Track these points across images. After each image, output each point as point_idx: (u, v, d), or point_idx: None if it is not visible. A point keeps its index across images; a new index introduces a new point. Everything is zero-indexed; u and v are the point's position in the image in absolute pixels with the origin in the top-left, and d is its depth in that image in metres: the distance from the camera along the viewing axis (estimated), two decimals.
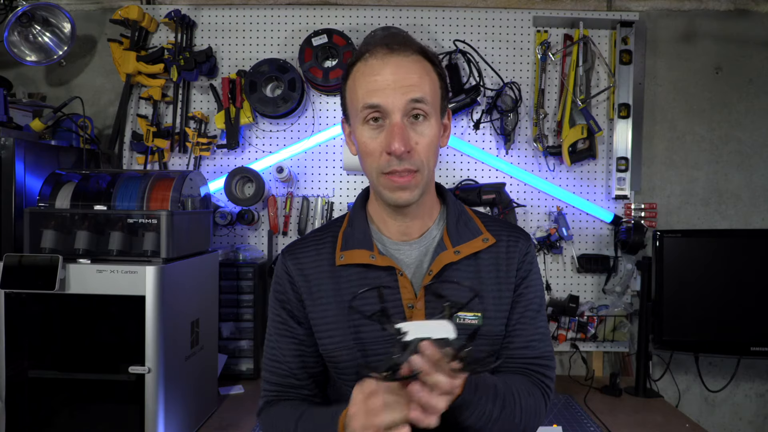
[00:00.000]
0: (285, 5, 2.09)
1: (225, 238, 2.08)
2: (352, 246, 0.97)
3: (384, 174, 0.90)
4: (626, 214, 2.06)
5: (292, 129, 2.08)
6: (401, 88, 0.87)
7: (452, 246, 0.96)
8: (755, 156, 2.13)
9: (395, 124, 0.87)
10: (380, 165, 0.90)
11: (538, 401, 0.94)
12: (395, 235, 0.99)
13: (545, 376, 0.98)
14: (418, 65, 0.90)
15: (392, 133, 0.87)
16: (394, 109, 0.87)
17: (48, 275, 1.35)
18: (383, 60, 0.89)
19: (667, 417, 1.74)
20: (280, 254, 1.05)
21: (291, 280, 1.00)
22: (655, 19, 2.12)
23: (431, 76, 0.92)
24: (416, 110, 0.88)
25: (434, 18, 2.07)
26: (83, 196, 1.52)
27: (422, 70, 0.90)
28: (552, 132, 2.06)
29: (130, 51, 1.99)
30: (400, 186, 0.90)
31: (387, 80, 0.88)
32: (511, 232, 1.02)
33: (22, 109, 1.87)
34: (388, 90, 0.87)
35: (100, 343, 1.41)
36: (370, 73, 0.89)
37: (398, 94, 0.87)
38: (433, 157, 0.92)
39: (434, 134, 0.91)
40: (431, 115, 0.90)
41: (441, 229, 1.00)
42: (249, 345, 1.94)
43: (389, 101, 0.87)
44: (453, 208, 1.01)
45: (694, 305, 1.88)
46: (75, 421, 1.41)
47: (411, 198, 0.91)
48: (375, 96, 0.88)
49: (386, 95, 0.87)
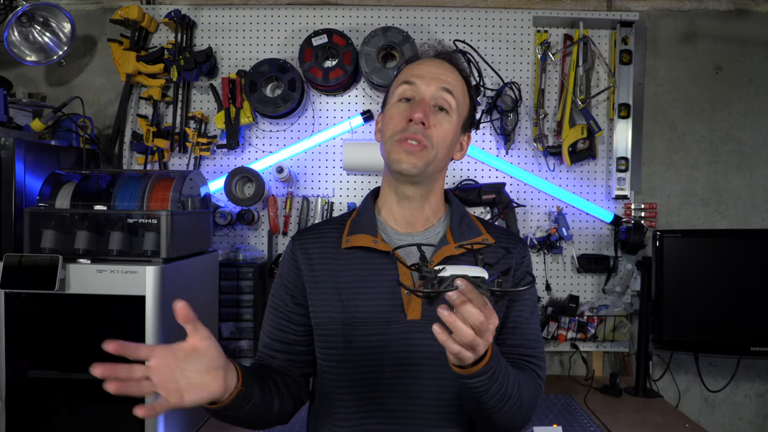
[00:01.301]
0: (285, 5, 2.09)
1: (225, 238, 2.08)
2: (357, 231, 1.04)
3: (397, 140, 0.98)
4: (626, 214, 2.06)
5: (292, 129, 2.08)
6: (436, 79, 1.00)
7: (454, 242, 1.03)
8: (755, 156, 2.13)
9: (422, 99, 0.99)
10: (396, 129, 0.99)
11: (535, 392, 0.98)
12: (400, 226, 1.05)
13: (538, 376, 1.01)
14: (455, 74, 1.04)
15: (417, 104, 0.99)
16: (426, 91, 1.00)
17: (48, 275, 1.35)
18: (428, 62, 1.05)
19: (667, 417, 1.74)
20: (290, 240, 1.12)
21: (295, 262, 1.06)
22: (655, 19, 2.12)
23: (464, 90, 1.05)
24: (443, 101, 0.99)
25: (434, 18, 2.07)
26: (83, 196, 1.52)
27: (459, 79, 1.04)
28: (552, 132, 2.06)
29: (130, 51, 1.99)
30: (408, 150, 0.97)
31: (427, 70, 1.02)
32: (509, 237, 1.10)
33: (22, 109, 1.87)
34: (426, 77, 1.01)
35: (100, 343, 1.41)
36: (415, 66, 1.04)
37: (433, 81, 1.00)
38: (444, 149, 1.00)
39: (451, 131, 1.00)
40: (453, 113, 1.01)
41: (445, 227, 1.07)
42: (249, 345, 1.94)
43: (423, 83, 1.00)
44: (457, 211, 1.09)
45: (694, 305, 1.88)
46: (75, 421, 1.41)
47: (412, 167, 0.97)
48: (413, 77, 1.01)
49: (422, 79, 1.01)
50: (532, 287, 1.08)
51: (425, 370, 0.97)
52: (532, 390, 0.96)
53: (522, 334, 1.03)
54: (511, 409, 0.88)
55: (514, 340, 1.02)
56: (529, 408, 0.94)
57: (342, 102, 2.08)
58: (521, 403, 0.90)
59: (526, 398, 0.92)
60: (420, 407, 0.97)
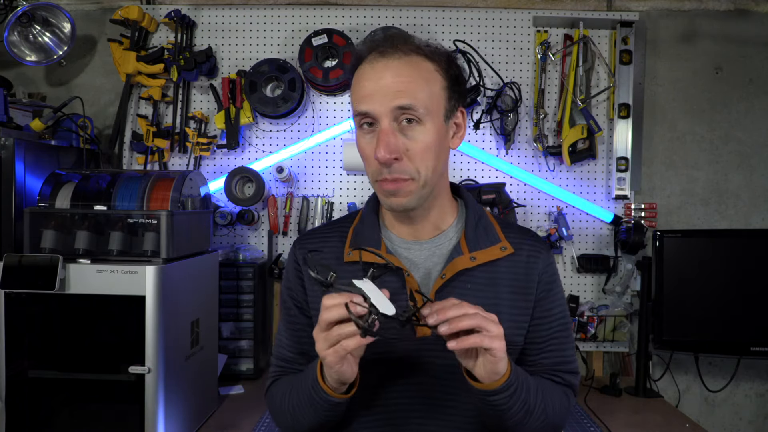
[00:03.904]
0: (285, 5, 2.09)
1: (225, 238, 2.08)
2: (360, 243, 0.96)
3: (377, 181, 0.90)
4: (626, 214, 2.06)
5: (292, 129, 2.08)
6: (388, 94, 0.85)
7: (469, 251, 0.94)
8: (755, 156, 2.13)
9: (381, 131, 0.86)
10: (374, 172, 0.90)
11: (565, 402, 0.96)
12: (405, 235, 0.98)
13: (569, 385, 0.99)
14: (410, 68, 0.87)
15: (379, 139, 0.86)
16: (381, 115, 0.86)
17: (48, 275, 1.35)
18: (372, 65, 0.88)
19: (667, 417, 1.74)
20: (292, 245, 1.08)
21: (298, 269, 1.02)
22: (655, 19, 2.11)
23: (430, 76, 0.88)
24: (406, 115, 0.86)
25: (434, 18, 2.07)
26: (83, 196, 1.52)
27: (415, 73, 0.87)
28: (552, 132, 2.06)
29: (130, 51, 1.99)
30: (391, 192, 0.89)
31: (374, 86, 0.86)
32: (533, 243, 1.00)
33: (22, 109, 1.87)
34: (376, 96, 0.86)
35: (100, 343, 1.41)
36: (360, 79, 0.89)
37: (385, 100, 0.85)
38: (433, 161, 0.88)
39: (431, 139, 0.87)
40: (425, 119, 0.87)
41: (459, 232, 0.97)
42: (249, 345, 1.94)
43: (376, 107, 0.86)
44: (473, 212, 0.99)
45: (694, 305, 1.88)
46: (75, 421, 1.41)
47: (405, 204, 0.89)
48: (363, 102, 0.87)
49: (373, 101, 0.86)
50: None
51: (437, 390, 0.94)
52: (560, 400, 0.94)
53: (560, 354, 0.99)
54: (535, 423, 0.87)
55: (552, 359, 0.98)
56: (555, 418, 0.92)
57: (342, 102, 2.08)
58: (546, 418, 0.88)
59: (551, 411, 0.90)
60: (430, 424, 0.94)
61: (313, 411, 0.88)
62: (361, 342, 0.75)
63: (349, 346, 0.76)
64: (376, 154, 0.85)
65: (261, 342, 1.98)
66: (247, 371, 1.95)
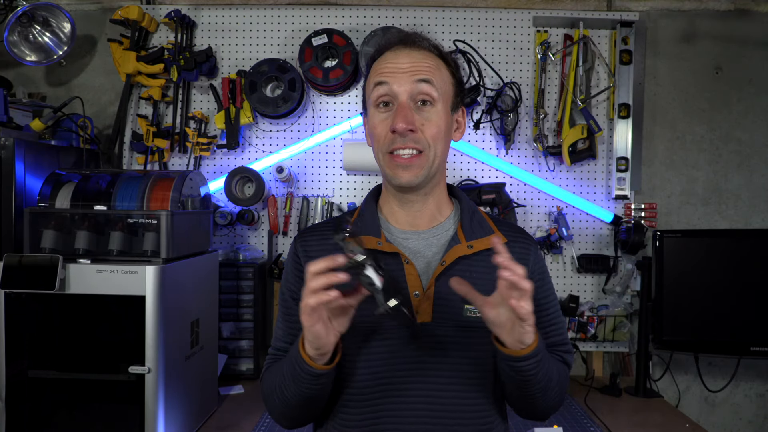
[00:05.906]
0: (285, 5, 2.09)
1: (225, 238, 2.08)
2: (360, 232, 0.98)
3: (388, 153, 0.94)
4: (626, 214, 2.06)
5: (292, 129, 2.08)
6: (409, 71, 0.93)
7: (466, 240, 0.99)
8: (755, 156, 2.13)
9: (400, 105, 0.93)
10: (385, 144, 0.94)
11: (566, 374, 1.03)
12: (403, 225, 1.02)
13: (565, 361, 1.06)
14: (430, 59, 0.96)
15: (396, 112, 0.92)
16: (401, 90, 0.93)
17: (48, 275, 1.35)
18: (396, 53, 0.96)
19: (667, 417, 1.74)
20: (293, 240, 1.10)
21: (297, 263, 1.04)
22: (655, 19, 2.12)
23: (442, 71, 0.97)
24: (423, 95, 0.93)
25: (434, 18, 2.07)
26: (83, 196, 1.52)
27: (434, 63, 0.96)
28: (552, 132, 2.06)
29: (130, 51, 1.99)
30: (403, 165, 0.93)
31: (397, 65, 0.94)
32: (525, 238, 1.06)
33: (22, 109, 1.87)
34: (397, 73, 0.93)
35: (100, 343, 1.41)
36: (382, 61, 0.97)
37: (406, 76, 0.93)
38: (441, 143, 0.95)
39: (442, 122, 0.95)
40: (438, 102, 0.94)
41: (455, 224, 1.03)
42: (249, 345, 1.94)
43: (396, 81, 0.93)
44: (467, 207, 1.05)
45: (694, 305, 1.88)
46: (75, 421, 1.41)
47: (414, 178, 0.94)
48: (384, 76, 0.94)
49: (395, 77, 0.93)
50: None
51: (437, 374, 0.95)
52: (564, 372, 1.02)
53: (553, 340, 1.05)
54: (553, 390, 0.93)
55: (552, 338, 1.05)
56: (562, 393, 0.99)
57: (342, 102, 2.08)
58: (561, 386, 0.96)
59: (561, 386, 0.97)
60: (431, 410, 0.94)
61: (296, 384, 0.90)
62: (338, 297, 0.80)
63: (324, 298, 0.80)
64: (395, 125, 0.91)
65: (261, 342, 1.98)
66: (247, 371, 1.95)
